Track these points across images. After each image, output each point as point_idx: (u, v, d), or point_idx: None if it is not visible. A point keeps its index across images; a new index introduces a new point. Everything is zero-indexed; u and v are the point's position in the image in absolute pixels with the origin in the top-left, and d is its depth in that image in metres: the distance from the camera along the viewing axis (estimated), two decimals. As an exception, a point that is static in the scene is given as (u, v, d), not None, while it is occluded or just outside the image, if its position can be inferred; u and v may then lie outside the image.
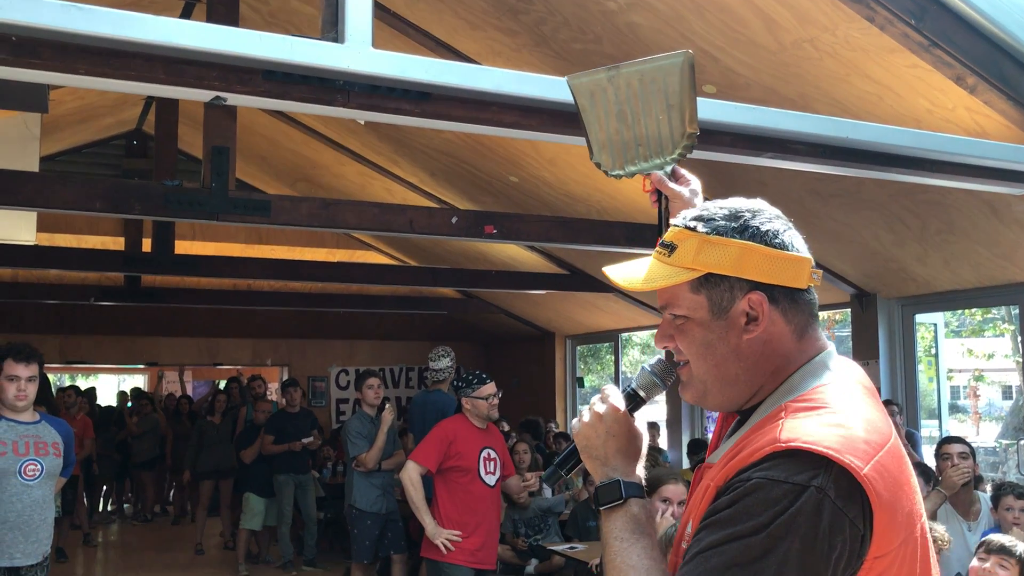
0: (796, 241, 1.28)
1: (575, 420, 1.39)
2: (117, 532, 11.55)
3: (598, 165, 1.76)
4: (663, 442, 9.66)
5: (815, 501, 1.06)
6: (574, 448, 1.39)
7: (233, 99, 3.09)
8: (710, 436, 1.55)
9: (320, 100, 3.06)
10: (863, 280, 7.01)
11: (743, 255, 1.24)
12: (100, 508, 12.25)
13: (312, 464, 9.17)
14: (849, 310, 7.41)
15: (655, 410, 12.98)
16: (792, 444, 1.10)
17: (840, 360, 1.31)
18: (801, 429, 1.12)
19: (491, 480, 4.96)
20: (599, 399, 1.37)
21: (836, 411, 1.16)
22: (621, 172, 1.72)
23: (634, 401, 1.39)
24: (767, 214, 1.28)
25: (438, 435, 4.94)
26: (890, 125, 4.11)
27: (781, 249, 1.25)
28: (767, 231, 1.25)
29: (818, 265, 4.95)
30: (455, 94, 3.14)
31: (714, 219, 1.27)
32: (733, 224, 1.26)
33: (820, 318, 1.34)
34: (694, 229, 1.27)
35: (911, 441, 6.51)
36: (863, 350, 7.20)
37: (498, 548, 5.16)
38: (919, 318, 7.19)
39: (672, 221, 1.32)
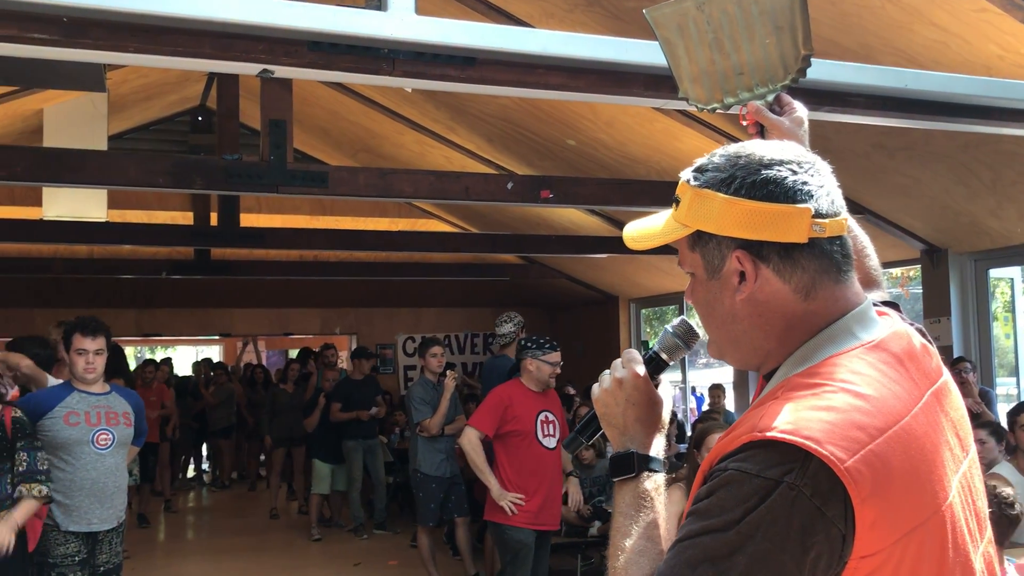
0: (804, 188, 1.13)
1: (595, 385, 1.33)
2: (195, 498, 11.94)
3: (686, 99, 1.66)
4: (729, 404, 9.56)
5: (787, 498, 0.97)
6: (594, 414, 1.34)
7: (280, 71, 3.11)
8: None
9: (365, 69, 3.06)
10: (933, 235, 6.80)
11: (726, 210, 1.13)
12: (179, 476, 12.67)
13: (380, 430, 9.35)
14: (919, 266, 7.20)
15: (723, 372, 12.84)
16: (767, 434, 1.01)
17: (874, 321, 1.18)
18: (784, 415, 1.02)
19: (550, 443, 4.98)
20: (619, 364, 1.32)
21: (836, 390, 1.05)
22: (718, 105, 1.61)
23: (656, 365, 1.33)
24: (767, 159, 1.15)
25: (493, 400, 4.98)
26: (958, 73, 3.96)
27: (770, 201, 1.12)
28: (754, 181, 1.13)
29: (886, 221, 4.85)
30: (500, 58, 3.11)
31: (708, 170, 1.18)
32: (722, 175, 1.15)
33: (891, 276, 1.22)
34: (689, 181, 1.19)
35: (985, 399, 6.33)
36: (935, 307, 7.01)
37: (561, 509, 5.18)
38: (993, 273, 6.95)
39: (682, 172, 1.22)
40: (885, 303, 1.31)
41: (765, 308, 1.16)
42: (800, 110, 1.54)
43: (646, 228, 1.27)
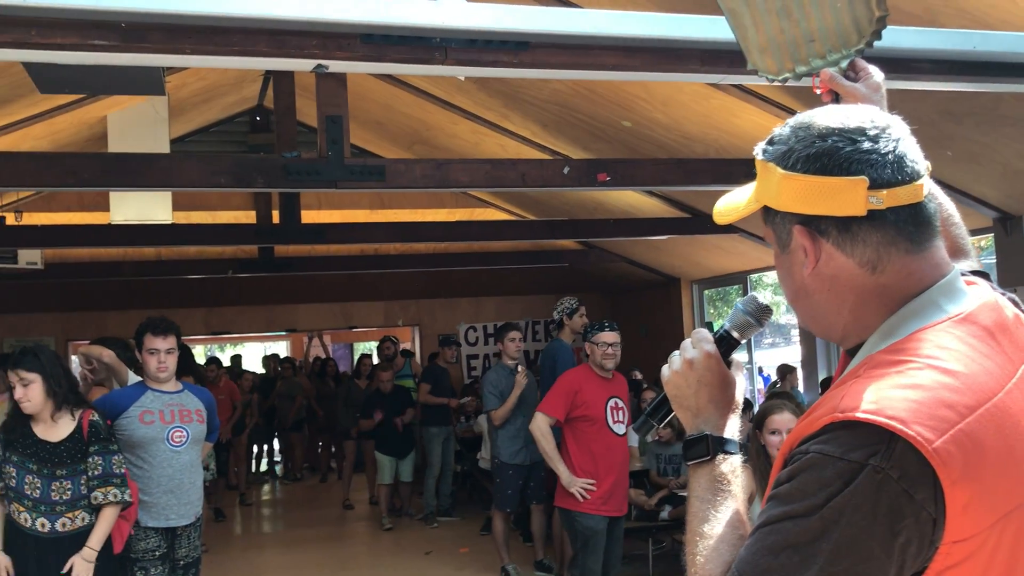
0: (864, 158, 1.07)
1: (664, 367, 1.30)
2: (269, 492, 12.17)
3: (756, 71, 1.62)
4: (800, 384, 9.40)
5: (873, 482, 0.93)
6: (664, 397, 1.32)
7: (334, 66, 3.14)
8: None
9: (418, 59, 3.06)
10: (1006, 202, 6.57)
11: (784, 185, 1.10)
12: (252, 470, 12.92)
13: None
14: (992, 235, 6.99)
15: (790, 351, 12.64)
16: (849, 414, 0.97)
17: (963, 292, 1.12)
18: (867, 394, 0.98)
19: (619, 429, 4.95)
20: (689, 344, 1.28)
21: (921, 367, 1.00)
22: (789, 75, 1.57)
23: (727, 344, 1.29)
24: (823, 129, 1.10)
25: (563, 385, 4.97)
26: (1027, 33, 3.81)
27: (825, 174, 1.08)
28: (810, 154, 1.09)
29: (956, 190, 4.71)
30: (553, 40, 3.09)
31: (774, 144, 1.15)
32: (782, 149, 1.12)
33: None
34: (758, 156, 1.15)
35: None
36: (1009, 276, 6.78)
37: (629, 494, 5.15)
38: (1072, 239, 6.71)
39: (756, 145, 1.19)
40: (975, 273, 1.24)
41: (834, 283, 1.12)
42: (876, 74, 1.49)
43: (730, 202, 1.25)
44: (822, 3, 1.52)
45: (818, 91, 1.50)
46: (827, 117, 1.13)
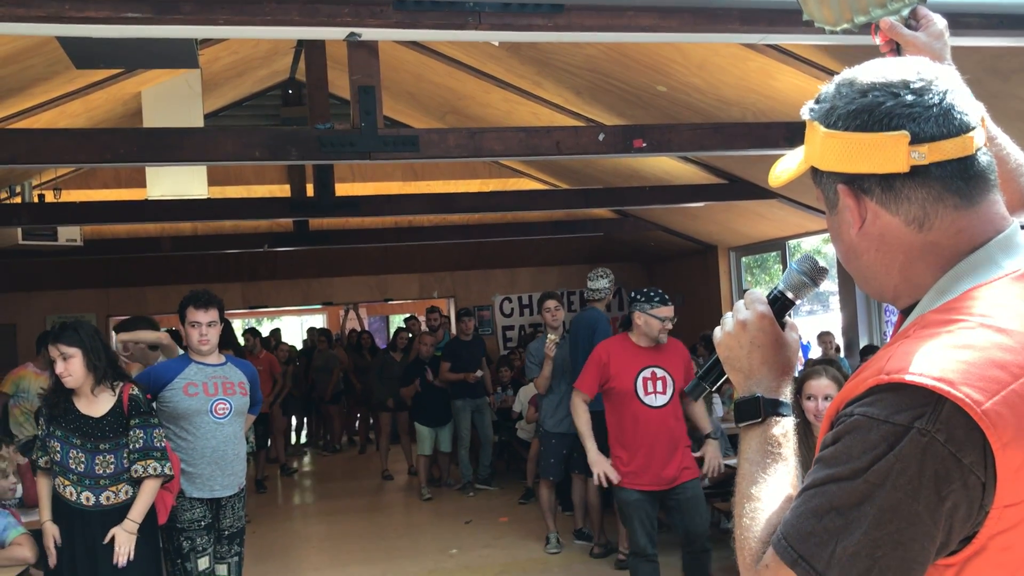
0: (906, 111, 1.04)
1: (717, 329, 1.27)
2: (309, 463, 12.31)
3: (812, 23, 1.58)
4: (841, 351, 9.29)
5: (919, 445, 0.91)
6: (717, 359, 1.29)
7: (367, 33, 3.11)
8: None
9: (452, 25, 3.02)
10: (1055, 162, 6.41)
11: (826, 144, 1.09)
12: (292, 442, 13.07)
13: (488, 389, 9.46)
14: (1040, 196, 6.82)
15: (829, 319, 12.49)
16: (895, 376, 0.94)
17: (1021, 248, 1.08)
18: (914, 355, 0.96)
19: (654, 400, 4.73)
20: (743, 304, 1.26)
21: (973, 326, 0.97)
22: (848, 24, 1.53)
23: (781, 305, 1.26)
24: (865, 84, 1.07)
25: (593, 358, 4.90)
26: (1079, -16, 3.67)
27: (864, 130, 1.05)
28: (851, 111, 1.06)
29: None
30: (588, 2, 3.03)
31: (821, 101, 1.13)
32: (826, 106, 1.10)
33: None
34: (804, 116, 1.13)
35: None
36: (1058, 239, 6.63)
37: (678, 468, 4.83)
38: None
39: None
40: None
41: (880, 242, 1.10)
42: (939, 22, 1.45)
43: (785, 166, 1.22)
44: None
45: (878, 41, 1.44)
46: (871, 72, 1.10)
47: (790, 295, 1.26)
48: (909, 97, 1.05)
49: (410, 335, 10.64)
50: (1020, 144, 5.58)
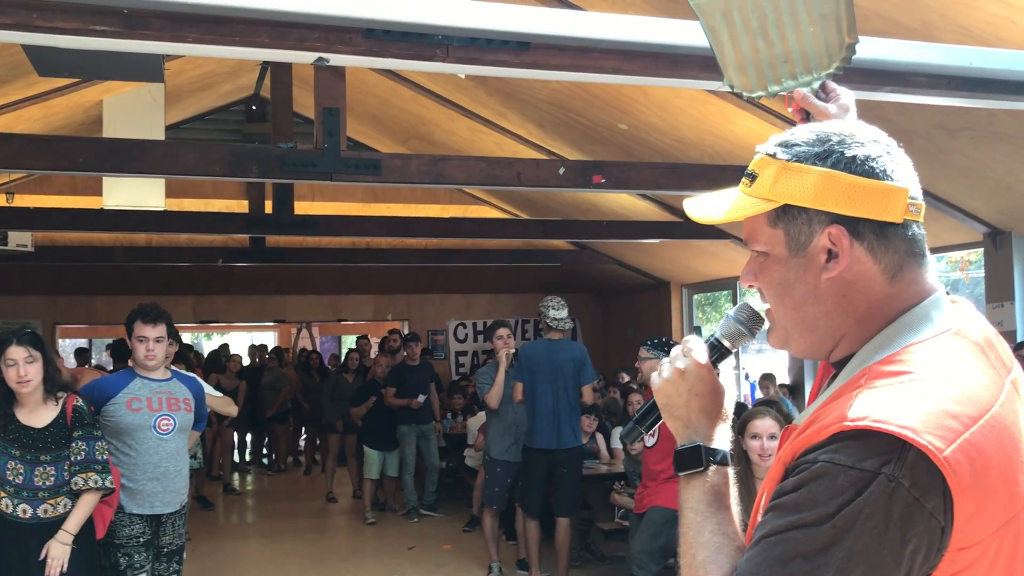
0: (897, 169, 1.11)
1: (654, 374, 1.29)
2: (253, 482, 12.15)
3: (732, 88, 1.65)
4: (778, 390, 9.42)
5: (885, 490, 0.94)
6: (653, 403, 1.30)
7: (335, 59, 3.14)
8: None
9: (420, 56, 3.07)
10: (996, 218, 6.62)
11: (823, 184, 1.10)
12: (237, 459, 12.89)
13: (436, 415, 9.43)
14: (982, 249, 7.03)
15: (777, 358, 12.69)
16: (860, 424, 0.97)
17: (950, 308, 1.14)
18: (874, 404, 0.99)
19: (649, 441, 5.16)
20: (681, 352, 1.27)
21: (922, 378, 1.01)
22: (763, 93, 1.60)
23: (718, 352, 1.28)
24: (860, 137, 1.12)
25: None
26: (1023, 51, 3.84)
27: (870, 177, 1.09)
28: (854, 156, 1.10)
29: (947, 203, 4.73)
30: (555, 42, 3.10)
31: (797, 144, 1.13)
32: (816, 149, 1.11)
33: (950, 260, 1.17)
34: (775, 156, 1.14)
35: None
36: (998, 291, 6.84)
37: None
38: (1060, 256, 6.76)
39: (757, 147, 1.18)
40: None
41: (850, 288, 1.12)
42: (845, 96, 1.52)
43: (714, 205, 1.23)
44: (796, 26, 1.55)
45: (790, 109, 1.53)
46: (854, 128, 1.16)
47: (727, 343, 1.29)
48: (895, 156, 1.12)
49: (359, 356, 10.56)
50: (966, 197, 5.78)
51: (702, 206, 1.25)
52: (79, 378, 5.86)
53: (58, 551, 3.74)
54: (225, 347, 12.76)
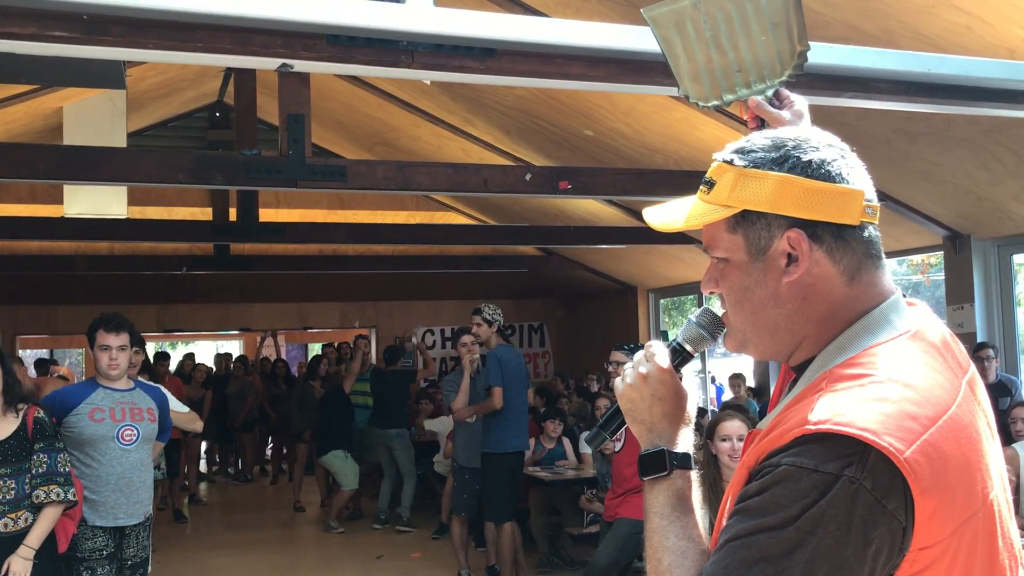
0: (852, 172, 1.13)
1: (617, 380, 1.29)
2: (219, 492, 12.02)
3: (687, 98, 1.66)
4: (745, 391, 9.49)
5: (848, 492, 0.95)
6: (617, 409, 1.31)
7: (299, 65, 3.12)
8: None
9: (384, 62, 3.05)
10: (956, 221, 6.73)
11: (780, 188, 1.11)
12: (203, 469, 12.74)
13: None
14: (942, 253, 7.15)
15: (743, 361, 12.78)
16: (822, 427, 0.98)
17: (907, 310, 1.16)
18: (836, 407, 1.00)
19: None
20: (643, 357, 1.28)
21: (882, 380, 1.03)
22: (718, 102, 1.61)
23: (680, 357, 1.29)
24: (815, 142, 1.14)
25: None
26: (981, 57, 3.91)
27: (826, 181, 1.11)
28: (810, 160, 1.12)
29: (908, 207, 4.79)
30: (519, 48, 3.10)
31: (754, 150, 1.15)
32: (773, 155, 1.13)
33: (911, 263, 1.19)
34: (731, 162, 1.16)
35: (1006, 388, 6.28)
36: (957, 293, 6.95)
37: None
38: (1017, 258, 6.88)
39: (714, 155, 1.20)
40: None
41: (811, 291, 1.14)
42: (799, 103, 1.54)
43: (674, 213, 1.24)
44: (748, 36, 1.57)
45: (745, 117, 1.55)
46: (809, 133, 1.18)
47: (689, 348, 1.29)
48: (850, 160, 1.14)
49: (327, 364, 10.50)
50: (926, 201, 5.86)
51: (661, 214, 1.26)
52: (42, 388, 5.78)
53: (19, 566, 3.67)
54: (191, 356, 12.63)
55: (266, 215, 8.89)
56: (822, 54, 3.19)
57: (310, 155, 5.16)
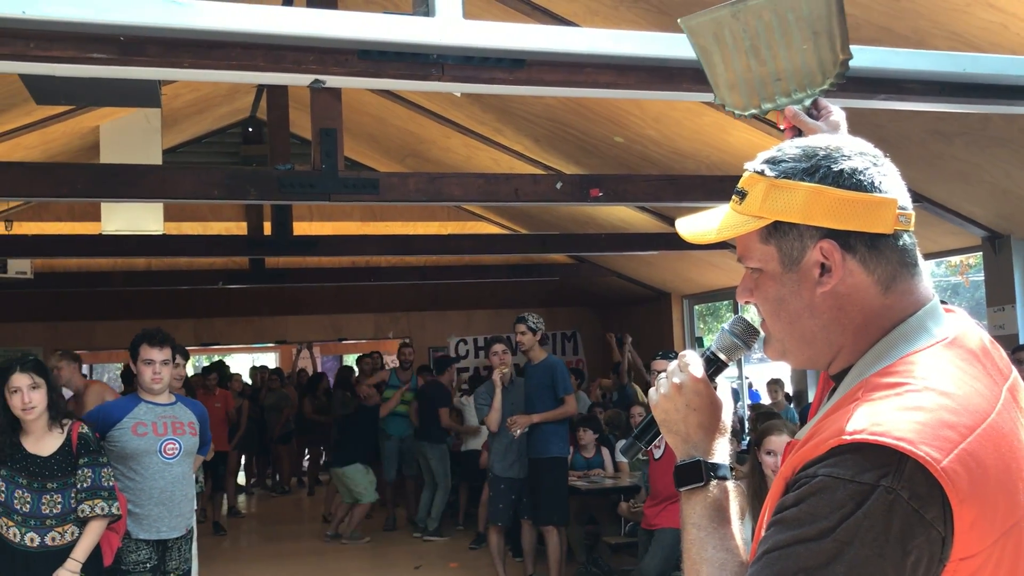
0: (884, 180, 1.12)
1: (652, 390, 1.29)
2: (258, 504, 12.11)
3: (723, 107, 1.65)
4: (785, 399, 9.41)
5: (885, 503, 0.95)
6: (651, 419, 1.30)
7: (331, 81, 3.15)
8: None
9: (415, 76, 3.08)
10: (995, 221, 6.64)
11: (811, 199, 1.11)
12: (241, 481, 12.85)
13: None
14: (980, 254, 7.04)
15: (780, 367, 12.67)
16: (858, 437, 0.97)
17: (945, 316, 1.15)
18: (872, 417, 0.99)
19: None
20: (677, 367, 1.27)
21: (919, 389, 1.02)
22: (755, 111, 1.60)
23: (715, 366, 1.28)
24: (847, 151, 1.13)
25: None
26: (1017, 55, 3.86)
27: (857, 190, 1.10)
28: (841, 170, 1.11)
29: (945, 208, 4.73)
30: (548, 59, 3.11)
31: (784, 160, 1.14)
32: (803, 165, 1.12)
33: (949, 265, 1.17)
34: (762, 173, 1.15)
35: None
36: (998, 295, 6.84)
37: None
38: (1060, 258, 6.77)
39: (746, 165, 1.19)
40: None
41: (846, 301, 1.13)
42: (836, 113, 1.52)
43: (706, 224, 1.23)
44: (789, 45, 1.56)
45: (782, 127, 1.54)
46: (840, 141, 1.16)
47: (722, 356, 1.28)
48: (883, 168, 1.13)
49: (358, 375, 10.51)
50: (964, 201, 5.78)
51: (693, 225, 1.26)
52: (89, 389, 5.92)
53: None
54: (219, 364, 12.70)
55: (300, 228, 8.99)
56: (854, 56, 3.16)
57: (343, 168, 5.22)
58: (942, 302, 1.21)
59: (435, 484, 8.99)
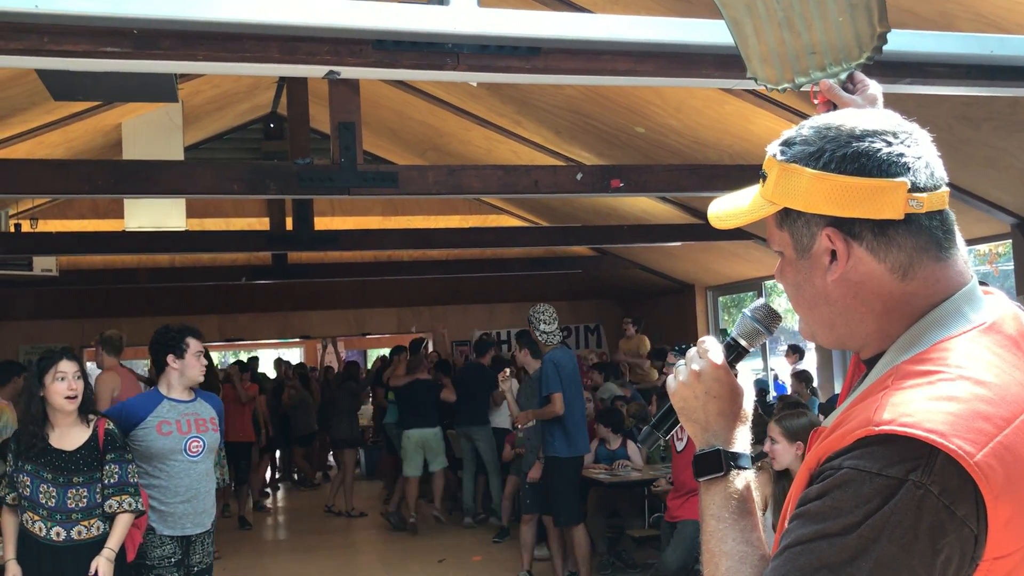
0: (901, 160, 1.05)
1: (670, 377, 1.25)
2: (282, 499, 12.17)
3: (755, 79, 1.61)
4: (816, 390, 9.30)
5: (914, 498, 0.90)
6: (670, 407, 1.26)
7: (346, 72, 3.13)
8: None
9: (430, 65, 3.05)
10: (1024, 208, 6.52)
11: (813, 186, 1.06)
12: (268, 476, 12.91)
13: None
14: (1009, 241, 6.92)
15: (806, 361, 12.55)
16: (886, 428, 0.92)
17: (983, 300, 1.08)
18: (901, 407, 0.94)
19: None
20: (696, 353, 1.23)
21: (953, 377, 0.96)
22: (789, 85, 1.57)
23: (735, 352, 1.24)
24: (859, 131, 1.07)
25: None
26: (1045, 36, 3.77)
27: (861, 175, 1.04)
28: (844, 155, 1.05)
29: (973, 195, 4.64)
30: (565, 46, 3.07)
31: (796, 143, 1.09)
32: (810, 149, 1.07)
33: (978, 253, 1.10)
34: (775, 156, 1.11)
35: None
36: (1027, 283, 6.72)
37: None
38: (1091, 245, 6.64)
39: (767, 146, 1.14)
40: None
41: (860, 288, 1.08)
42: (873, 87, 1.47)
43: (732, 206, 1.20)
44: (825, 17, 1.52)
45: (816, 101, 1.49)
46: (859, 119, 1.10)
47: (744, 343, 1.25)
48: (900, 147, 1.06)
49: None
50: (992, 188, 5.67)
51: (722, 207, 1.23)
52: (112, 371, 6.05)
53: (106, 568, 3.76)
54: (255, 361, 12.72)
55: (321, 223, 9.00)
56: (877, 39, 3.10)
57: (361, 163, 5.20)
58: (981, 283, 1.15)
59: (475, 469, 8.96)
